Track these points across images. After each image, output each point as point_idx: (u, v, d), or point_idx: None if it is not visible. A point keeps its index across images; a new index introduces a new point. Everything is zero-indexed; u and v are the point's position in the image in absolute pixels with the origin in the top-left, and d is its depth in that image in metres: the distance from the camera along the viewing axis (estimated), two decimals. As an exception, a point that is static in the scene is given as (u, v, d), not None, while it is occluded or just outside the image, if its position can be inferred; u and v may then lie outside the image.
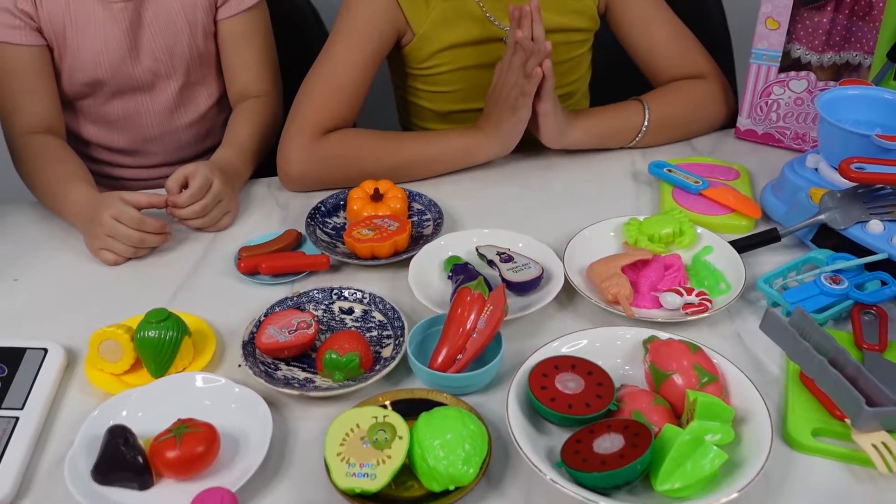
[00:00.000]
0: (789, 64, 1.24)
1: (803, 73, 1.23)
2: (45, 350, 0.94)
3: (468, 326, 0.90)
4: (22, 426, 0.85)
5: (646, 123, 1.24)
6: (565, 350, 0.89)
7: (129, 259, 1.10)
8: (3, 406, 0.87)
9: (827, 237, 1.05)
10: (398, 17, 1.20)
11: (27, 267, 1.10)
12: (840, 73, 1.23)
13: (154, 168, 1.38)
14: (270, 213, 1.19)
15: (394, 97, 1.40)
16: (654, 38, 1.28)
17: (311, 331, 0.93)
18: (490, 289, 0.93)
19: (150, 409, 0.86)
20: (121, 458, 0.80)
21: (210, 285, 1.06)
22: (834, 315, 0.96)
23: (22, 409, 0.87)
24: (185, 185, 1.12)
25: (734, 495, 0.74)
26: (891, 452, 0.80)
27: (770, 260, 1.06)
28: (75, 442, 0.82)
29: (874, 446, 0.80)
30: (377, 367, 0.91)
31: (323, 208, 1.15)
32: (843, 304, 0.96)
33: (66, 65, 1.26)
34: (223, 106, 1.40)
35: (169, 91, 1.32)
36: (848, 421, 0.83)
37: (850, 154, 1.03)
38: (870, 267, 1.00)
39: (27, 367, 0.91)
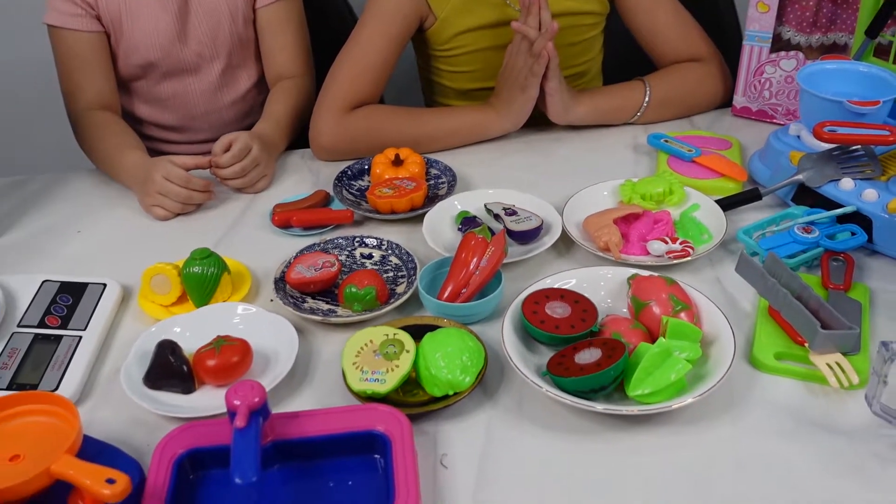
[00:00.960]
0: (780, 45, 1.34)
1: (792, 53, 1.34)
2: (105, 284, 1.07)
3: (472, 264, 1.02)
4: (84, 343, 0.99)
5: (646, 101, 1.35)
6: (556, 286, 1.00)
7: (177, 215, 1.24)
8: (69, 327, 1.01)
9: (805, 196, 1.15)
10: (421, 2, 1.33)
11: (88, 222, 1.25)
12: (826, 52, 1.33)
13: (199, 144, 1.52)
14: (303, 179, 1.33)
15: (418, 76, 1.53)
16: (658, 21, 1.39)
17: (334, 269, 1.05)
18: (493, 234, 1.05)
19: (193, 331, 0.99)
20: (168, 366, 0.93)
21: (248, 236, 1.20)
22: (806, 261, 1.06)
23: (84, 329, 1.01)
24: (227, 149, 1.26)
25: (691, 400, 0.84)
26: (843, 370, 0.90)
27: (753, 217, 1.16)
28: (129, 354, 0.96)
29: (828, 366, 0.90)
30: (392, 300, 1.03)
31: (349, 172, 1.28)
32: (813, 252, 1.06)
33: (122, 48, 1.41)
34: (261, 87, 1.54)
35: (213, 73, 1.47)
36: (807, 345, 0.93)
37: (826, 120, 1.13)
38: (841, 220, 1.10)
39: (89, 298, 1.05)
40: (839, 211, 1.09)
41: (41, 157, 1.94)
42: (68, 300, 1.05)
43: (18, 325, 1.01)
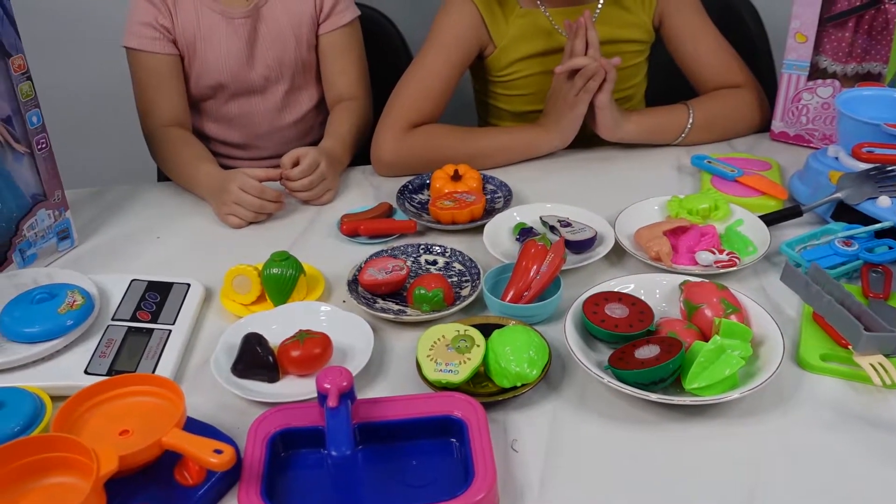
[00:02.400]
0: (817, 74, 1.42)
1: (829, 81, 1.41)
2: (189, 284, 1.15)
3: (533, 270, 1.09)
4: (174, 336, 1.06)
5: (690, 123, 1.43)
6: (616, 289, 1.07)
7: (250, 223, 1.32)
8: (158, 321, 1.08)
9: (843, 213, 1.22)
10: (483, 33, 1.43)
11: (166, 229, 1.33)
12: (861, 81, 1.41)
13: (263, 160, 1.61)
14: (365, 193, 1.41)
15: (473, 100, 1.62)
16: (700, 50, 1.48)
17: (403, 272, 1.13)
18: (552, 243, 1.13)
19: (274, 326, 1.07)
20: (256, 356, 1.00)
21: (317, 243, 1.28)
22: (846, 272, 1.13)
23: (173, 324, 1.08)
24: (296, 164, 1.34)
25: (744, 393, 0.91)
26: (886, 370, 0.96)
27: (793, 233, 1.22)
28: (217, 347, 1.03)
29: (872, 366, 0.97)
30: (458, 302, 1.11)
31: (410, 186, 1.36)
32: (853, 264, 1.13)
33: (194, 70, 1.51)
34: (320, 108, 1.63)
35: (277, 94, 1.56)
36: (851, 347, 0.99)
37: (864, 141, 1.20)
38: (879, 235, 1.16)
39: (175, 296, 1.13)
40: (878, 226, 1.16)
41: (108, 171, 2.03)
42: (156, 297, 1.12)
43: (112, 319, 1.08)
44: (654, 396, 0.92)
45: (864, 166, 1.23)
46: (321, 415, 0.90)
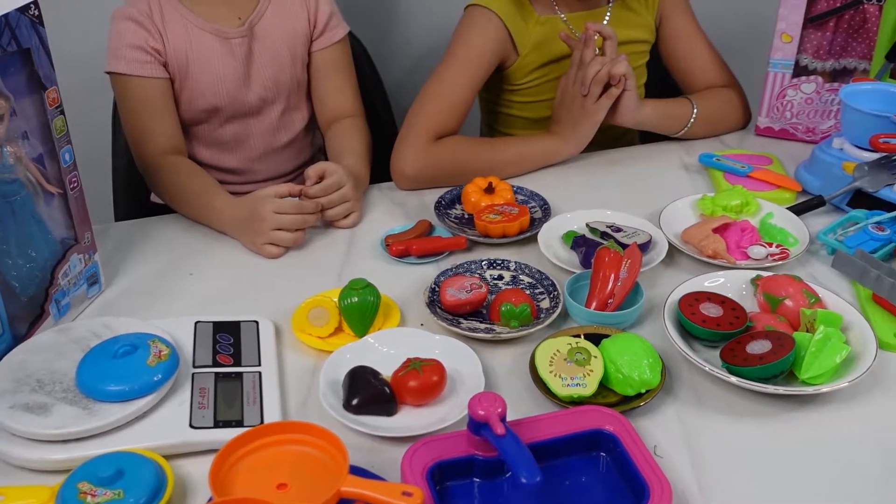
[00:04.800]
0: (798, 71, 1.52)
1: (812, 78, 1.51)
2: (256, 322, 1.09)
3: (612, 277, 1.11)
4: (266, 377, 1.00)
5: (694, 116, 1.49)
6: (706, 284, 1.11)
7: (288, 250, 1.26)
8: (243, 364, 1.02)
9: (860, 200, 1.31)
10: (507, 45, 1.43)
11: (196, 265, 1.25)
12: (839, 76, 1.52)
13: (258, 183, 1.54)
14: (390, 210, 1.38)
15: (479, 110, 1.62)
16: (695, 49, 1.55)
17: (483, 290, 1.12)
18: (623, 248, 1.15)
19: (368, 358, 1.03)
20: (373, 390, 0.96)
21: (366, 267, 1.24)
22: (882, 256, 1.21)
23: (260, 365, 1.02)
24: (321, 176, 1.29)
25: (849, 382, 0.97)
26: (959, 342, 1.05)
27: (814, 222, 1.31)
28: (321, 385, 0.98)
29: (945, 339, 1.05)
30: (541, 315, 1.11)
31: (443, 202, 1.34)
32: (888, 247, 1.22)
33: (186, 94, 1.42)
34: (310, 127, 1.58)
35: (273, 115, 1.50)
36: (920, 324, 1.07)
37: (871, 133, 1.30)
38: (900, 218, 1.26)
39: (248, 335, 1.07)
40: (902, 210, 1.25)
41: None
42: (229, 339, 1.06)
43: (194, 366, 1.01)
44: (781, 389, 0.96)
45: (870, 156, 1.33)
46: (471, 443, 0.88)
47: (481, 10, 1.43)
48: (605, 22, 1.49)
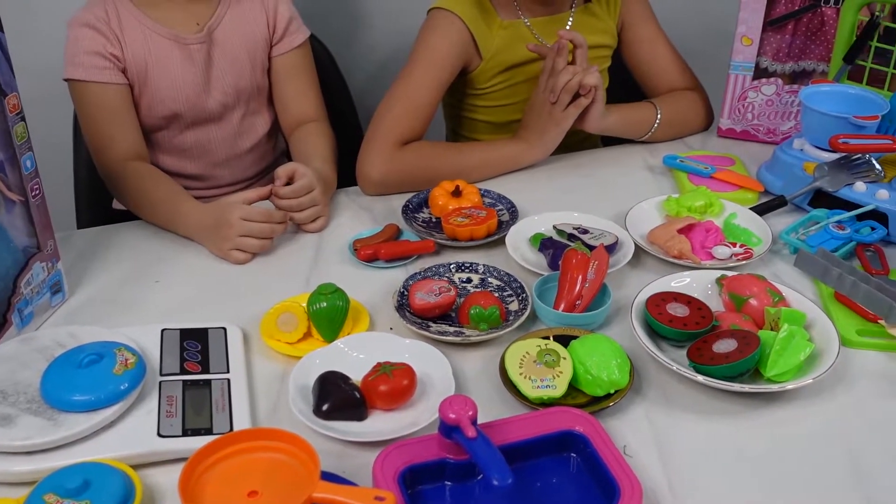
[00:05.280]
0: (758, 73, 1.54)
1: (772, 80, 1.53)
2: (224, 328, 1.08)
3: (580, 278, 1.12)
4: (235, 384, 1.00)
5: (658, 120, 1.51)
6: (673, 285, 1.12)
7: (255, 256, 1.25)
8: (211, 371, 1.01)
9: (821, 199, 1.33)
10: (470, 48, 1.43)
11: (162, 272, 1.23)
12: (798, 78, 1.54)
13: (221, 188, 1.53)
14: (357, 215, 1.37)
15: (443, 115, 1.62)
16: (658, 54, 1.57)
17: (452, 293, 1.12)
18: (590, 249, 1.15)
19: (338, 363, 1.02)
20: (344, 395, 0.96)
21: (335, 272, 1.23)
22: (843, 254, 1.24)
23: (229, 372, 1.02)
24: (290, 177, 1.28)
25: (813, 378, 0.98)
26: (919, 339, 1.07)
27: (777, 222, 1.33)
28: (290, 391, 0.98)
29: (906, 335, 1.07)
30: (510, 317, 1.11)
31: (410, 206, 1.34)
32: (848, 245, 1.24)
33: (146, 100, 1.41)
34: (272, 132, 1.57)
35: (234, 120, 1.49)
36: (881, 321, 1.09)
37: (830, 134, 1.32)
38: (860, 217, 1.28)
39: (215, 342, 1.06)
40: (860, 210, 1.28)
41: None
42: (197, 346, 1.05)
43: (162, 374, 1.00)
44: (747, 387, 0.97)
45: (830, 156, 1.35)
46: (443, 447, 0.88)
47: (444, 13, 1.43)
48: (567, 27, 1.50)
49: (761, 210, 1.33)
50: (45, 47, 1.60)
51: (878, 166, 1.31)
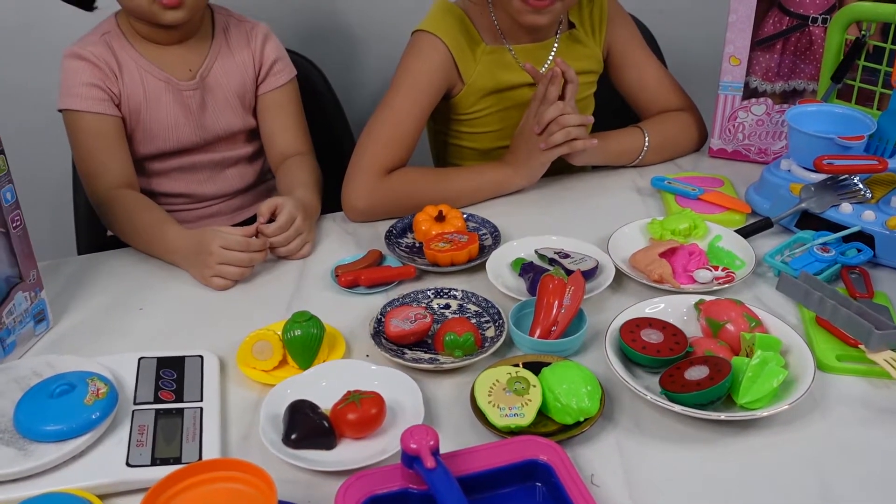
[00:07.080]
0: (748, 93, 1.53)
1: (762, 99, 1.53)
2: (201, 356, 1.09)
3: (556, 304, 1.11)
4: (207, 413, 1.00)
5: (646, 145, 1.51)
6: (647, 311, 1.11)
7: (237, 282, 1.26)
8: (185, 400, 1.02)
9: (808, 221, 1.32)
10: (452, 73, 1.44)
11: (145, 300, 1.25)
12: (788, 97, 1.53)
13: (206, 202, 1.55)
14: (343, 240, 1.38)
15: (428, 141, 1.63)
16: (646, 77, 1.56)
17: (428, 320, 1.12)
18: (568, 274, 1.15)
19: (309, 391, 1.03)
20: (311, 424, 0.96)
21: (316, 298, 1.24)
22: (827, 277, 1.22)
23: (202, 400, 1.02)
24: (273, 212, 1.30)
25: (788, 404, 0.97)
26: (898, 364, 1.05)
27: (763, 243, 1.32)
28: (261, 419, 0.98)
29: (886, 361, 1.05)
30: (486, 344, 1.11)
31: (394, 231, 1.35)
32: (833, 268, 1.23)
33: (137, 136, 1.44)
34: (258, 155, 1.59)
35: (220, 151, 1.52)
36: (862, 346, 1.08)
37: (816, 154, 1.31)
38: (846, 239, 1.27)
39: (191, 370, 1.07)
40: (846, 232, 1.26)
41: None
42: (172, 374, 1.06)
43: (135, 403, 1.01)
44: (722, 415, 0.96)
45: (817, 177, 1.34)
46: (405, 477, 0.88)
47: (427, 36, 1.44)
48: (552, 54, 1.50)
49: (746, 232, 1.32)
50: (48, 77, 1.63)
51: (862, 187, 1.29)
